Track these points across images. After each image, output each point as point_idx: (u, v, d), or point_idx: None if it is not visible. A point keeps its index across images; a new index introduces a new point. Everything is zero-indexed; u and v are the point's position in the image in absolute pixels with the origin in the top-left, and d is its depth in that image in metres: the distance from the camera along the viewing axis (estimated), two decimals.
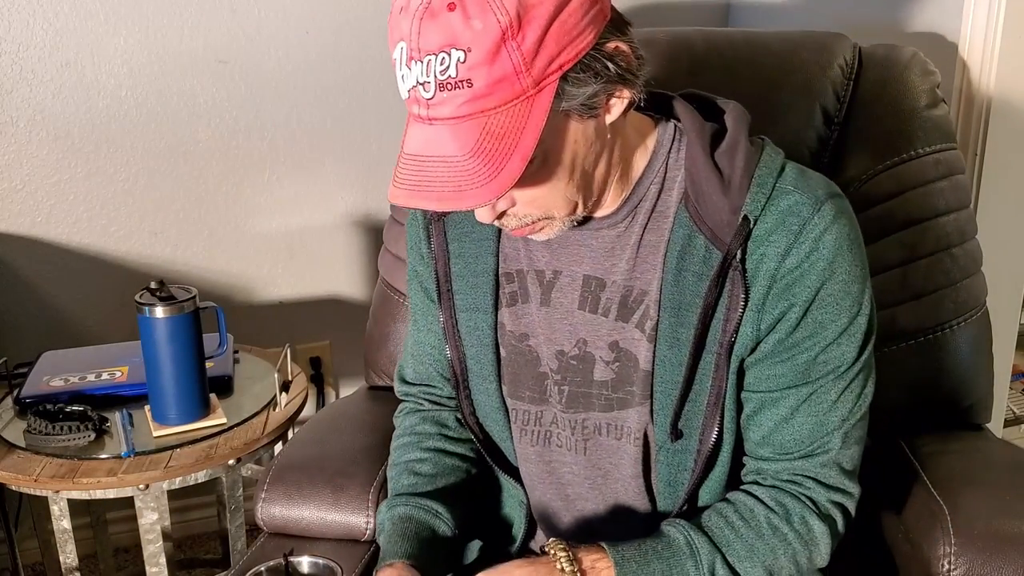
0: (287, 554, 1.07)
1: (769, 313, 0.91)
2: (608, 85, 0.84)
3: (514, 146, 0.79)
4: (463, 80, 0.77)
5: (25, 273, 1.87)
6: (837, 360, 0.93)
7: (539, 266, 1.02)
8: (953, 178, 1.29)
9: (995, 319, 1.33)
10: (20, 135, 1.79)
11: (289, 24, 1.87)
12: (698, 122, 0.95)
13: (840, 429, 0.95)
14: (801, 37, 1.39)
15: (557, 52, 0.79)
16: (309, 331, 2.07)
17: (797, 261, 0.89)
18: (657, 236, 0.95)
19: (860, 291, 0.92)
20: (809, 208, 0.90)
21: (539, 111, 0.80)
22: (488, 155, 0.79)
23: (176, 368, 1.43)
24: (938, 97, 1.32)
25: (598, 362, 0.99)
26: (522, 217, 0.90)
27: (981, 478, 1.16)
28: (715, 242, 0.91)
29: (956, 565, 1.04)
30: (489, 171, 0.79)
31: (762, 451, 0.97)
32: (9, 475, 1.39)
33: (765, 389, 0.95)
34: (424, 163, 0.81)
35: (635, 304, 0.96)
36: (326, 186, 2.00)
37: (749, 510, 0.95)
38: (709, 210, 0.92)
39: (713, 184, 0.91)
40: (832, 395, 0.94)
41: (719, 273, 0.91)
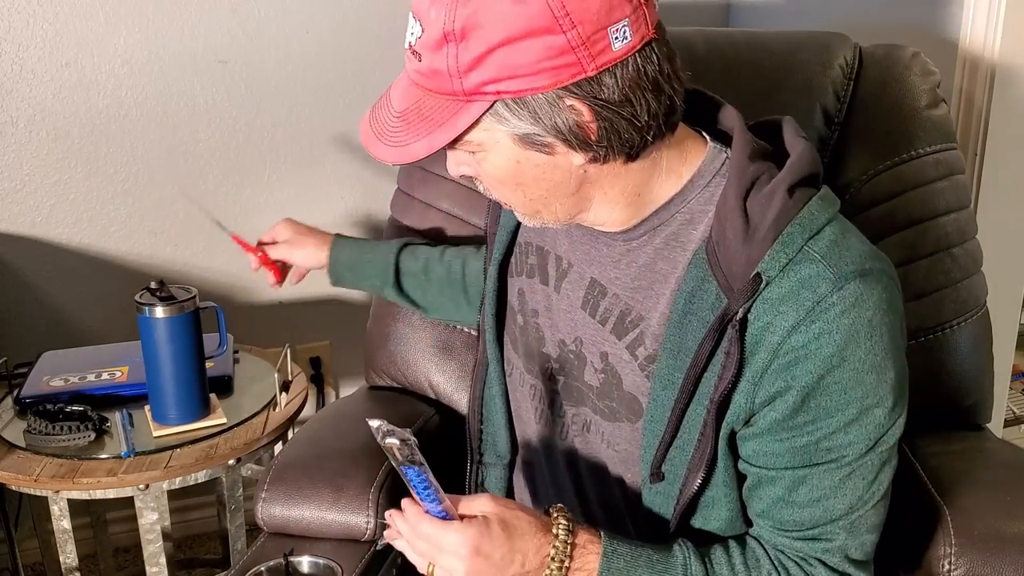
0: (287, 554, 1.08)
1: (765, 389, 0.84)
2: (552, 134, 0.81)
3: (429, 131, 0.82)
4: (417, 52, 0.82)
5: (25, 273, 1.87)
6: (843, 449, 0.85)
7: (559, 252, 1.02)
8: (953, 178, 1.29)
9: (995, 319, 1.33)
10: (20, 135, 1.79)
11: (289, 24, 1.87)
12: (744, 159, 0.87)
13: (846, 518, 0.88)
14: (801, 37, 1.39)
15: (496, 78, 0.79)
16: (309, 331, 2.07)
17: (803, 341, 0.81)
18: (669, 266, 0.91)
19: (877, 382, 0.83)
20: (828, 285, 0.81)
21: (466, 117, 0.81)
22: (408, 124, 0.83)
23: (176, 368, 1.43)
24: (938, 97, 1.32)
25: (589, 365, 0.99)
26: (485, 190, 0.92)
27: (981, 478, 1.16)
28: (727, 292, 0.84)
29: (956, 565, 1.04)
30: (403, 137, 0.83)
31: (762, 523, 0.92)
32: (9, 475, 1.39)
33: (762, 465, 0.89)
34: (381, 102, 0.88)
35: (631, 325, 0.94)
36: (326, 186, 2.00)
37: (755, 560, 0.91)
38: (727, 257, 0.84)
39: (736, 231, 0.84)
40: (834, 481, 0.87)
41: (718, 326, 0.84)
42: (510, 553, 0.84)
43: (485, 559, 0.83)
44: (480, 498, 0.86)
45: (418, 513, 0.85)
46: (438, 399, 1.45)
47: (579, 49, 0.77)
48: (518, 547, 0.84)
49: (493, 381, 1.13)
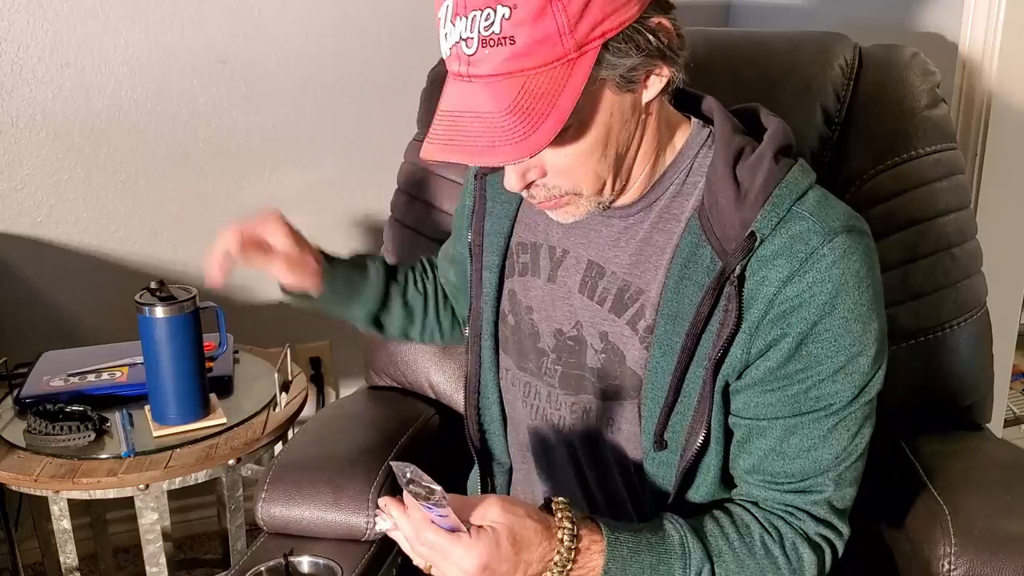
0: (287, 554, 1.08)
1: (761, 339, 0.89)
2: (648, 60, 0.84)
3: (551, 107, 0.79)
4: (506, 37, 0.78)
5: (25, 273, 1.87)
6: (831, 397, 0.90)
7: (552, 242, 1.03)
8: (953, 178, 1.29)
9: (995, 319, 1.33)
10: (20, 135, 1.79)
11: (289, 24, 1.87)
12: (729, 132, 0.93)
13: (833, 470, 0.92)
14: (801, 37, 1.39)
15: (601, 19, 0.79)
16: (309, 331, 2.07)
17: (797, 290, 0.86)
18: (665, 238, 0.94)
19: (863, 331, 0.89)
20: (819, 238, 0.86)
21: (578, 76, 0.80)
22: (524, 114, 0.79)
23: (176, 368, 1.43)
24: (938, 97, 1.32)
25: (589, 348, 1.00)
26: (551, 188, 0.89)
27: (981, 478, 1.16)
28: (720, 255, 0.89)
29: (956, 565, 1.04)
30: (524, 129, 0.78)
31: (751, 479, 0.95)
32: (9, 475, 1.39)
33: (753, 416, 0.92)
34: (459, 119, 0.81)
35: (630, 300, 0.96)
36: (326, 186, 2.00)
37: (745, 525, 0.94)
38: (720, 222, 0.89)
39: (728, 196, 0.89)
40: (822, 431, 0.91)
41: (715, 285, 0.89)
42: (516, 565, 0.84)
43: (491, 574, 0.83)
44: (489, 505, 0.85)
45: (424, 520, 0.83)
46: (438, 399, 1.45)
47: None
48: (524, 558, 0.84)
49: (489, 388, 1.12)
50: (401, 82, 1.92)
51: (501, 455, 1.14)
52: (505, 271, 1.09)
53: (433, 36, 0.85)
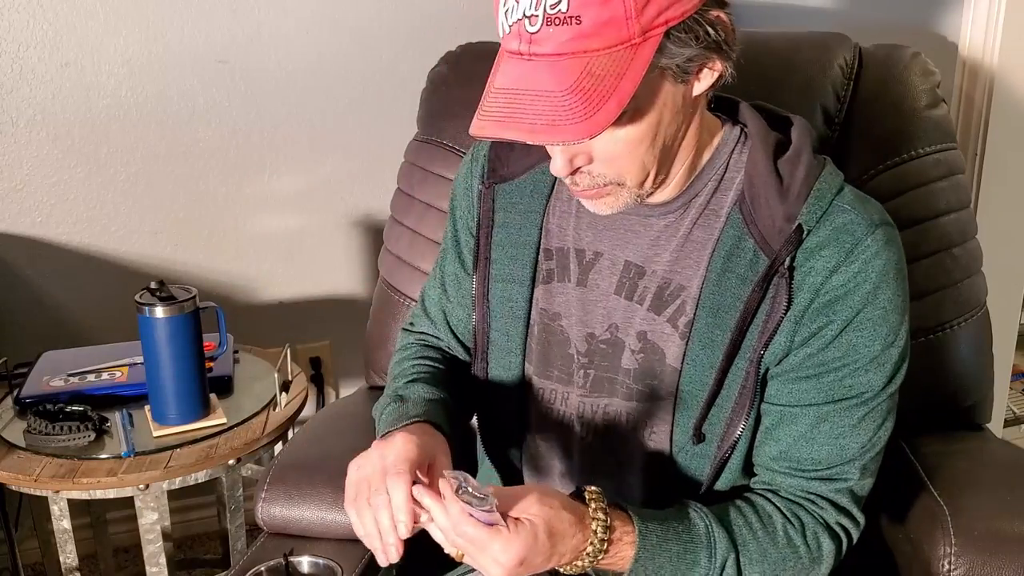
0: (287, 554, 1.07)
1: (806, 326, 0.91)
2: (705, 52, 0.84)
3: (612, 90, 0.78)
4: (573, 16, 0.77)
5: (25, 273, 1.87)
6: (863, 386, 0.92)
7: (581, 245, 1.02)
8: (953, 178, 1.29)
9: (995, 319, 1.34)
10: (20, 135, 1.79)
11: (289, 24, 1.87)
12: (764, 128, 0.95)
13: (860, 459, 0.94)
14: (801, 37, 1.39)
15: (666, 6, 0.79)
16: (309, 331, 2.07)
17: (844, 279, 0.89)
18: (706, 233, 0.95)
19: (898, 323, 0.92)
20: (863, 229, 0.90)
21: (640, 61, 0.79)
22: (586, 94, 0.78)
23: (176, 368, 1.43)
24: (938, 97, 1.32)
25: (626, 350, 0.99)
26: (596, 176, 0.89)
27: (981, 478, 1.16)
28: (764, 248, 0.91)
29: (956, 565, 1.04)
30: (586, 110, 0.78)
31: (777, 466, 0.96)
32: (9, 475, 1.39)
33: (786, 403, 0.94)
34: (518, 96, 0.80)
35: (671, 298, 0.96)
36: (326, 186, 1.99)
37: (768, 516, 0.95)
38: (762, 215, 0.91)
39: (771, 189, 0.91)
40: (853, 420, 0.93)
41: (764, 278, 0.90)
42: (550, 557, 0.84)
43: (526, 567, 0.83)
44: (528, 498, 0.85)
45: (462, 514, 0.82)
46: None
47: None
48: (559, 550, 0.85)
49: (503, 399, 1.09)
50: (401, 82, 1.92)
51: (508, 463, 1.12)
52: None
53: (433, 37, 0.85)
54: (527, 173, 1.05)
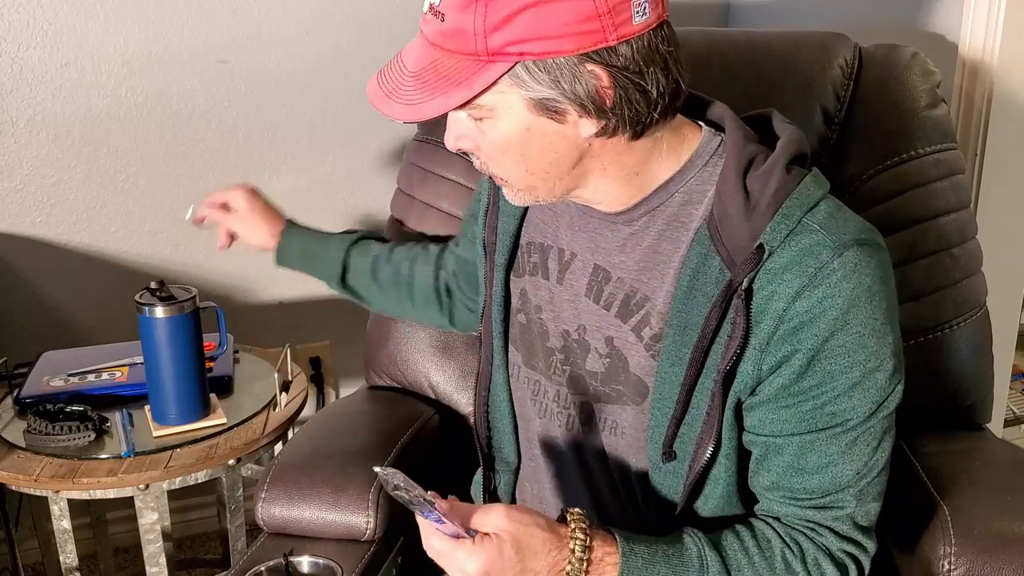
0: (287, 554, 1.08)
1: (772, 355, 0.87)
2: (569, 100, 0.83)
3: (446, 90, 0.83)
4: (440, 11, 0.83)
5: (25, 273, 1.87)
6: (847, 413, 0.88)
7: (561, 244, 1.03)
8: (953, 178, 1.29)
9: (995, 319, 1.33)
10: (20, 135, 1.79)
11: (289, 24, 1.87)
12: (740, 139, 0.91)
13: (855, 486, 0.91)
14: (801, 37, 1.39)
15: (523, 39, 0.80)
16: (309, 331, 2.07)
17: (808, 306, 0.85)
18: (672, 246, 0.93)
19: (878, 346, 0.87)
20: (829, 252, 0.85)
21: (485, 78, 0.82)
22: (423, 84, 0.84)
23: (176, 368, 1.43)
24: (938, 97, 1.32)
25: (592, 352, 1.00)
26: (482, 164, 0.92)
27: (981, 478, 1.16)
28: (730, 267, 0.87)
29: (956, 565, 1.04)
30: (416, 95, 0.84)
31: (772, 496, 0.94)
32: (9, 475, 1.39)
33: (769, 433, 0.91)
34: (392, 64, 0.89)
35: (636, 307, 0.96)
36: (326, 186, 2.00)
37: (766, 540, 0.92)
38: (729, 233, 0.88)
39: (738, 206, 0.87)
40: (841, 446, 0.89)
41: (723, 298, 0.87)
42: (521, 573, 0.84)
43: None
44: (494, 512, 0.85)
45: (429, 526, 0.84)
46: (438, 399, 1.45)
47: (604, 17, 0.80)
48: (531, 567, 0.84)
49: (499, 386, 1.12)
50: None
51: (509, 453, 1.14)
52: (514, 269, 1.09)
53: None
54: None
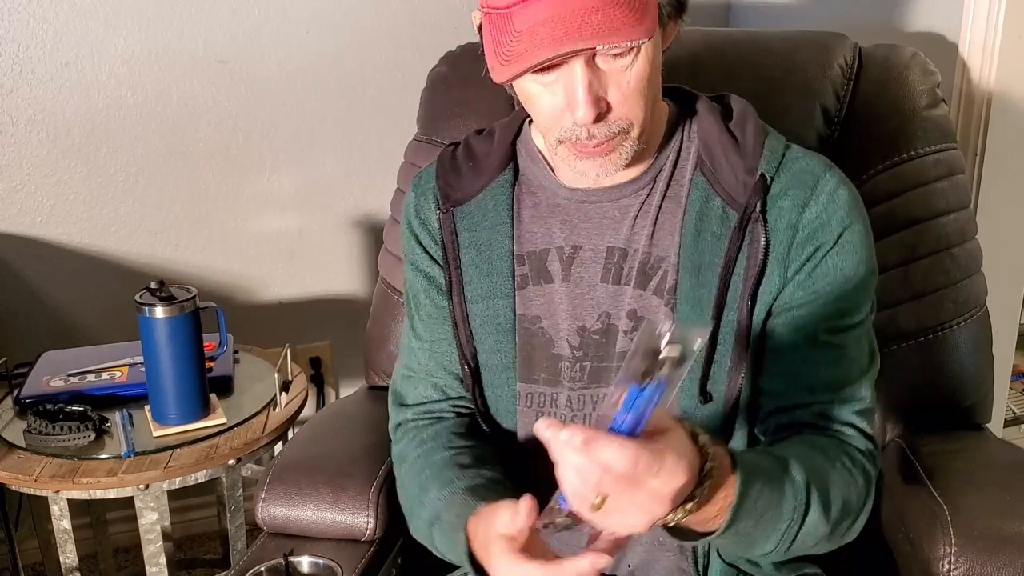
0: (287, 554, 1.08)
1: (795, 261, 0.95)
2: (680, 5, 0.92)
3: (647, 5, 0.85)
4: None
5: (25, 273, 1.87)
6: (854, 309, 0.97)
7: (558, 243, 1.03)
8: (953, 178, 1.29)
9: (995, 319, 1.33)
10: (20, 135, 1.79)
11: (289, 24, 1.87)
12: (707, 101, 1.02)
13: (867, 378, 0.98)
14: (801, 37, 1.39)
15: None
16: (309, 331, 2.07)
17: (817, 211, 0.94)
18: (675, 203, 0.99)
19: (872, 249, 0.97)
20: (820, 169, 0.96)
21: None
22: (628, 4, 0.84)
23: (176, 368, 1.43)
24: (938, 97, 1.32)
25: (619, 334, 1.00)
26: (612, 123, 0.90)
27: (981, 478, 1.16)
28: (731, 203, 0.96)
29: (956, 565, 1.04)
30: (633, 17, 0.84)
31: (795, 396, 0.97)
32: (9, 475, 1.39)
33: (786, 332, 0.97)
34: (564, 20, 0.82)
35: (652, 271, 0.99)
36: (326, 186, 2.00)
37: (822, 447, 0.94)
38: (724, 174, 0.97)
39: (728, 148, 0.97)
40: (851, 341, 0.97)
41: (739, 228, 0.95)
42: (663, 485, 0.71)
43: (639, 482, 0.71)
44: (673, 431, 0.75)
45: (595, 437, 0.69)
46: None
47: None
48: (664, 486, 0.71)
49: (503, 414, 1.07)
50: (401, 82, 1.92)
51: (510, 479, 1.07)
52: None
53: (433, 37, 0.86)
54: (481, 192, 1.06)
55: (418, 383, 1.12)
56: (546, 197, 1.04)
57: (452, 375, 1.10)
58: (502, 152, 1.07)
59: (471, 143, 1.10)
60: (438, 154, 1.12)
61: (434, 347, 1.10)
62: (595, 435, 0.68)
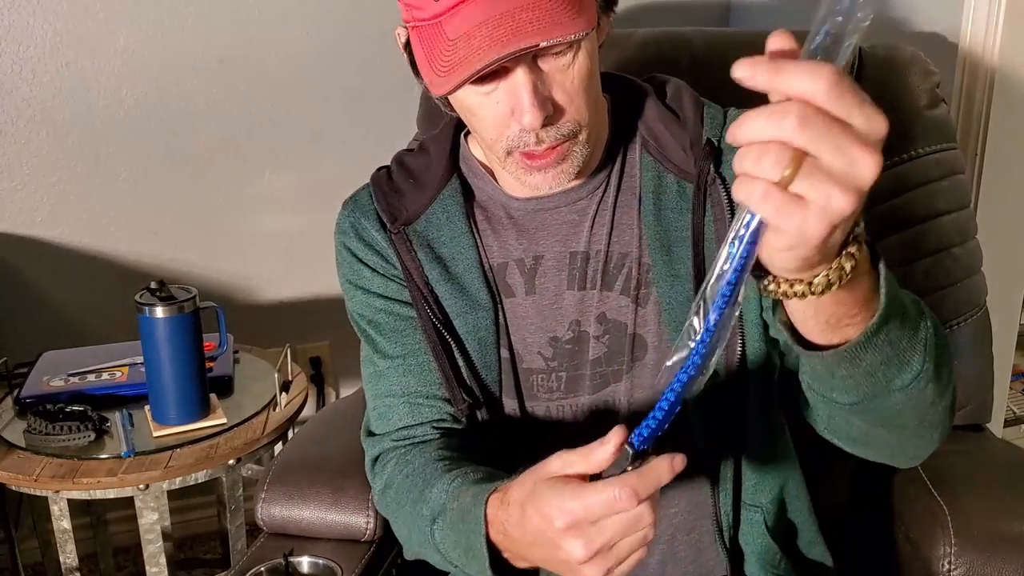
0: (287, 554, 1.08)
1: None
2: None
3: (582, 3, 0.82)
4: None
5: (25, 273, 1.87)
6: None
7: (516, 255, 1.00)
8: (953, 178, 1.29)
9: (995, 319, 1.33)
10: (20, 135, 1.79)
11: (289, 24, 1.87)
12: (635, 83, 1.01)
13: None
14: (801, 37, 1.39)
15: None
16: (309, 331, 2.07)
17: None
18: (630, 195, 0.98)
19: None
20: None
21: None
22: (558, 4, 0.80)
23: (176, 368, 1.43)
24: (938, 97, 1.32)
25: (590, 340, 0.98)
26: (560, 126, 0.87)
27: (981, 478, 1.16)
28: (684, 176, 0.95)
29: (956, 565, 1.04)
30: (571, 10, 0.81)
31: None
32: (9, 475, 1.39)
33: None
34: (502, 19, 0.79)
35: (615, 270, 0.97)
36: (326, 186, 1.99)
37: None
38: (670, 149, 0.96)
39: (670, 123, 0.97)
40: None
41: (697, 195, 0.93)
42: None
43: None
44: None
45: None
46: None
47: None
48: None
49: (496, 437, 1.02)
50: (401, 82, 1.91)
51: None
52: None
53: None
54: (430, 207, 1.01)
55: (392, 411, 1.02)
56: (496, 210, 1.01)
57: (430, 391, 1.01)
58: (441, 165, 1.02)
59: (404, 161, 1.07)
60: (370, 178, 1.08)
61: (407, 360, 1.01)
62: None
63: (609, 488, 0.68)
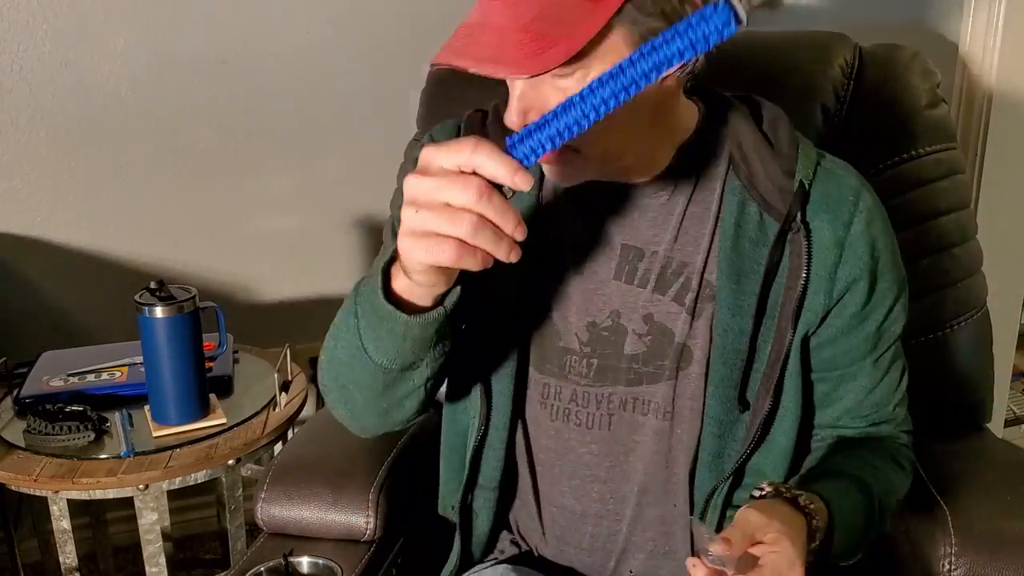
0: (287, 554, 1.08)
1: (842, 280, 0.94)
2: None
3: (562, 36, 0.77)
4: None
5: (25, 273, 1.87)
6: (895, 329, 0.99)
7: (574, 235, 1.00)
8: (953, 178, 1.29)
9: (995, 319, 1.33)
10: (20, 135, 1.79)
11: (289, 24, 1.87)
12: (736, 102, 0.99)
13: (903, 402, 1.03)
14: (801, 37, 1.39)
15: None
16: (309, 331, 2.06)
17: (860, 228, 0.93)
18: (703, 208, 0.96)
19: (900, 263, 0.99)
20: (855, 180, 0.95)
21: (598, 17, 0.78)
22: (535, 34, 0.77)
23: (176, 368, 1.43)
24: (938, 97, 1.32)
25: (630, 335, 0.98)
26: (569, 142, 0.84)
27: (981, 478, 1.16)
28: (768, 210, 0.94)
29: (956, 565, 1.04)
30: (533, 48, 0.77)
31: (842, 421, 1.02)
32: (9, 475, 1.39)
33: (844, 365, 0.99)
34: (474, 31, 0.81)
35: (674, 276, 0.96)
36: (326, 186, 2.00)
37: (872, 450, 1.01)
38: (759, 177, 0.94)
39: (763, 151, 0.94)
40: (893, 359, 1.01)
41: (778, 237, 0.93)
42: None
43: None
44: (750, 519, 0.82)
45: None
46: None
47: None
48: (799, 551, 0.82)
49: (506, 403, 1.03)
50: (401, 82, 1.92)
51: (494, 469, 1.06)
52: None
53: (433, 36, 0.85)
54: None
55: None
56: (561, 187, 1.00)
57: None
58: None
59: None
60: (464, 116, 1.07)
61: None
62: None
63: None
